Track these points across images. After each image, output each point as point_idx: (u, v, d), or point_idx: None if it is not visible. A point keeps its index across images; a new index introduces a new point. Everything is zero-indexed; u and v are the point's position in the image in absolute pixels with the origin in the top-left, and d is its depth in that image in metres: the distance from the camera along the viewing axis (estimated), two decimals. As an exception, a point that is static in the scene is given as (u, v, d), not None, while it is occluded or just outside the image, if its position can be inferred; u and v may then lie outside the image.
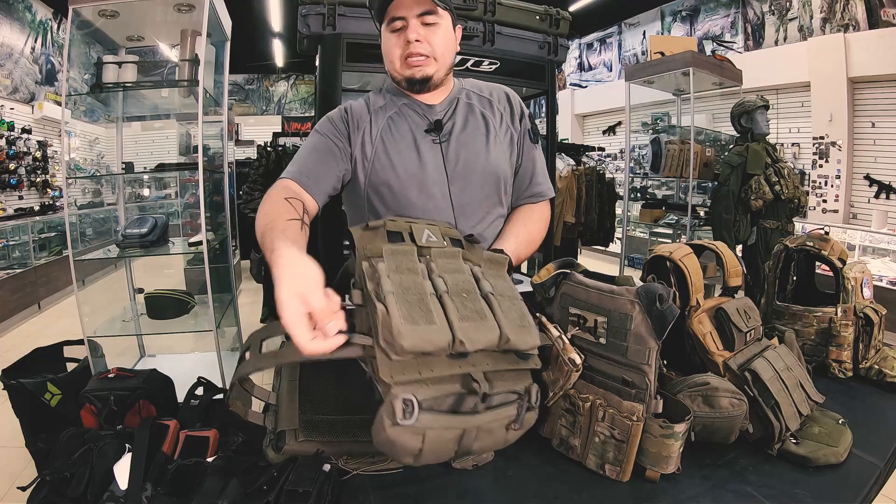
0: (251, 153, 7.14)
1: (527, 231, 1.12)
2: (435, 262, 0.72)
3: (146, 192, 4.97)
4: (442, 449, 0.64)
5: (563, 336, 0.81)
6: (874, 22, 4.65)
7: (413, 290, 0.65)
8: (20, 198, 5.45)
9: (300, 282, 0.62)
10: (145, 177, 3.91)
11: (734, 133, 3.32)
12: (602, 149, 7.41)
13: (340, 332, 0.61)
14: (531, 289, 0.91)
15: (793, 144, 5.37)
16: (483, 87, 1.17)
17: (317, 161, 1.04)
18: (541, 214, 1.18)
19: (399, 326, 0.59)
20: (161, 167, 2.87)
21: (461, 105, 1.12)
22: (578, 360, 0.78)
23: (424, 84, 1.05)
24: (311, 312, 0.60)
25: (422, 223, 0.81)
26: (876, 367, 1.13)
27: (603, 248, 5.61)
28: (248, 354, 0.74)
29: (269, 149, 4.07)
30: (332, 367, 0.86)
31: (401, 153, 1.06)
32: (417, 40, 1.00)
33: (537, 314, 0.85)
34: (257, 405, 0.87)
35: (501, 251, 0.95)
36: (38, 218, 5.35)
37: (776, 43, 5.53)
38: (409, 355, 0.61)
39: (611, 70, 8.13)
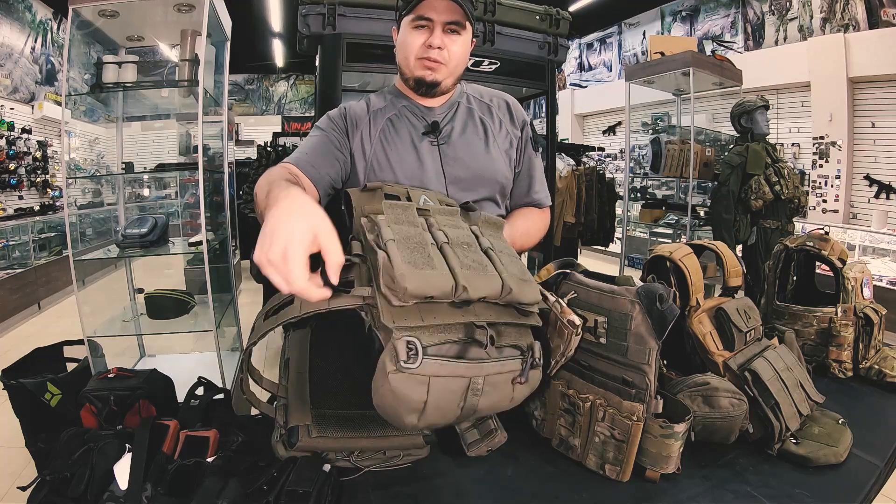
0: (251, 153, 7.15)
1: (525, 226, 1.12)
2: (434, 218, 0.71)
3: (146, 192, 4.96)
4: (447, 403, 0.62)
5: (560, 300, 0.80)
6: (874, 22, 4.65)
7: (414, 238, 0.64)
8: (20, 198, 5.45)
9: (316, 221, 0.58)
10: (145, 177, 3.91)
11: (734, 133, 3.32)
12: (602, 149, 7.41)
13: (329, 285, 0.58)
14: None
15: (793, 144, 5.37)
16: (484, 93, 1.17)
17: (317, 153, 1.04)
18: (540, 217, 1.19)
19: (401, 269, 0.58)
20: (161, 167, 2.86)
21: (461, 109, 1.12)
22: (578, 322, 0.77)
23: (432, 88, 1.05)
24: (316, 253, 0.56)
25: (418, 190, 0.80)
26: (876, 367, 1.13)
27: (603, 248, 5.61)
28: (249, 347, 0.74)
29: (269, 149, 4.07)
30: (342, 358, 0.85)
31: (399, 154, 1.06)
32: (439, 47, 1.00)
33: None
34: (263, 396, 0.86)
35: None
36: (38, 218, 5.35)
37: (776, 43, 5.53)
38: (412, 300, 0.59)
39: (611, 70, 8.13)
